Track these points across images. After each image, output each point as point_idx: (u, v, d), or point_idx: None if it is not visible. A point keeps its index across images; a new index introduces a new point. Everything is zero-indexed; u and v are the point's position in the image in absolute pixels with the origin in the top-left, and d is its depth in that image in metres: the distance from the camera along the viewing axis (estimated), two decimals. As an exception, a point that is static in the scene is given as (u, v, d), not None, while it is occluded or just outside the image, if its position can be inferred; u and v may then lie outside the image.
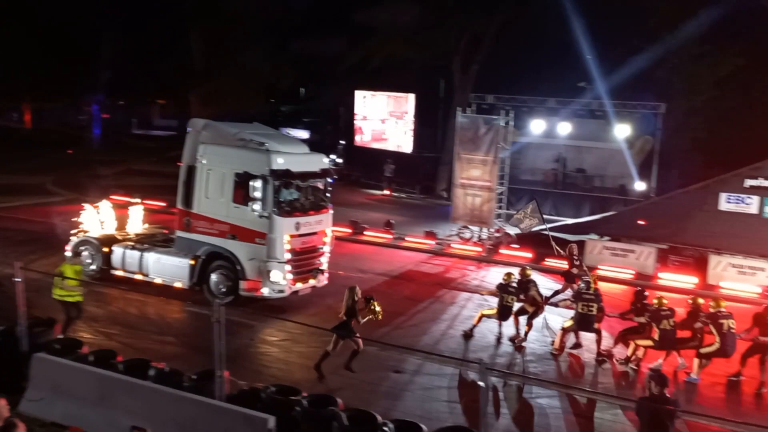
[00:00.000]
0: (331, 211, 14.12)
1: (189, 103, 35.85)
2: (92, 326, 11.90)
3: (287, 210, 12.92)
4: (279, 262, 12.83)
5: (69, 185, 26.34)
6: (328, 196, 14.01)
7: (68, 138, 42.13)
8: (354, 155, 33.98)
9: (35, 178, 27.43)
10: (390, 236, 20.41)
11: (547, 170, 28.42)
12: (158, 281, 13.85)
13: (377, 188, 30.78)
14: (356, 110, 34.43)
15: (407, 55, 28.79)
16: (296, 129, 37.83)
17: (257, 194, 12.66)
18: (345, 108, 36.51)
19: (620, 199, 23.81)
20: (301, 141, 15.68)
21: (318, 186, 13.80)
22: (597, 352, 11.52)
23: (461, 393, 10.04)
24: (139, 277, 14.01)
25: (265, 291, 12.94)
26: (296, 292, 13.43)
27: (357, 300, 10.15)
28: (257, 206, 12.70)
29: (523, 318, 12.35)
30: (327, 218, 13.95)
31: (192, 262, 13.46)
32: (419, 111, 32.61)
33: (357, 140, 34.57)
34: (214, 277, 13.40)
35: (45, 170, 29.36)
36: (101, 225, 15.08)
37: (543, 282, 14.40)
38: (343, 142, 35.30)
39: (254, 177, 12.65)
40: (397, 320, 12.77)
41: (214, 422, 7.59)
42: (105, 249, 14.34)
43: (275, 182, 12.67)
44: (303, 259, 13.34)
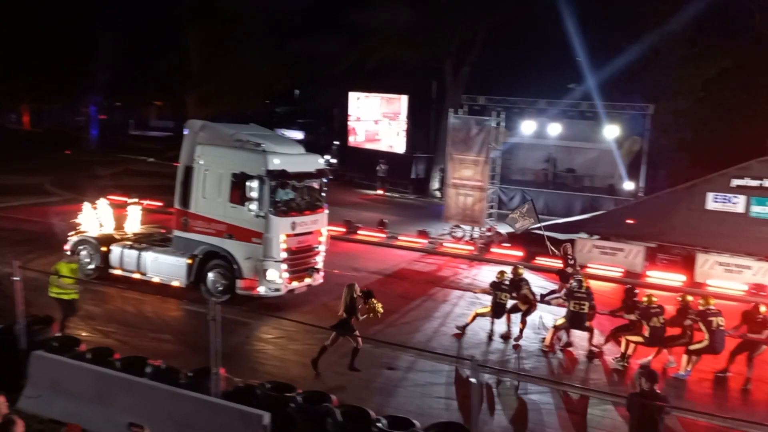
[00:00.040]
0: (327, 211, 14.20)
1: (185, 104, 35.86)
2: (90, 324, 11.96)
3: (283, 210, 13.00)
4: (275, 261, 12.90)
5: (67, 185, 26.37)
6: (324, 196, 14.09)
7: (66, 139, 42.16)
8: (348, 156, 34.04)
9: (33, 179, 27.46)
10: (383, 235, 20.50)
11: (538, 170, 28.71)
12: (156, 280, 13.93)
13: (371, 188, 30.88)
14: (350, 111, 34.51)
15: (401, 57, 28.81)
16: (291, 130, 37.80)
17: (254, 194, 12.74)
18: (339, 109, 36.57)
19: (609, 199, 23.99)
20: (297, 142, 15.77)
21: (313, 186, 13.88)
22: (588, 349, 11.64)
23: (454, 389, 10.12)
24: (137, 276, 14.08)
25: (262, 289, 13.03)
26: (292, 291, 13.51)
27: (356, 297, 10.21)
28: (254, 206, 12.77)
29: (515, 316, 12.46)
30: (322, 218, 14.03)
31: (189, 261, 13.54)
32: (412, 112, 32.75)
33: (351, 141, 34.65)
34: (211, 276, 13.48)
35: (43, 170, 29.41)
36: (99, 225, 15.13)
37: (535, 281, 14.51)
38: (337, 143, 35.36)
39: (251, 177, 12.72)
40: (390, 318, 12.79)
41: (211, 419, 7.63)
42: (103, 248, 14.39)
43: (271, 182, 12.75)
44: (299, 258, 13.42)
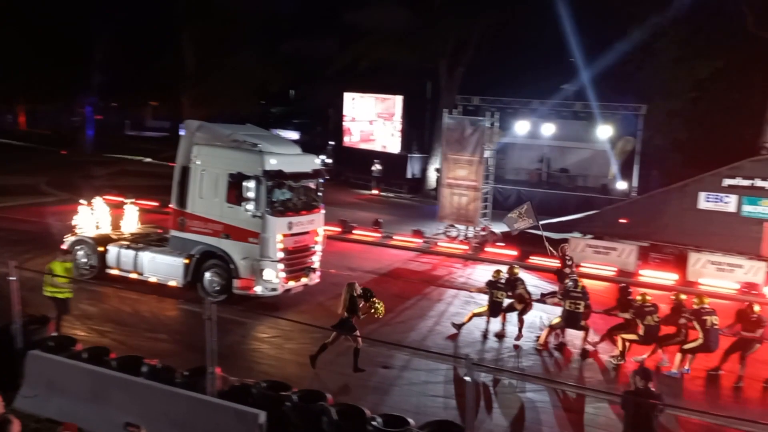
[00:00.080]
0: (323, 211, 14.24)
1: (181, 105, 35.82)
2: (86, 324, 11.99)
3: (280, 210, 13.04)
4: (272, 261, 12.95)
5: (63, 186, 26.38)
6: (320, 196, 14.12)
7: (62, 139, 42.17)
8: (343, 156, 34.14)
9: (30, 179, 27.47)
10: (378, 235, 20.58)
11: (532, 170, 28.93)
12: (153, 280, 13.96)
13: (366, 188, 30.95)
14: (345, 112, 34.61)
15: (395, 58, 28.88)
16: (286, 130, 37.88)
17: (250, 194, 12.77)
18: (334, 109, 36.68)
19: (602, 198, 24.09)
20: (293, 142, 15.81)
21: (310, 186, 13.92)
22: (581, 348, 11.72)
23: (448, 388, 10.18)
24: (134, 276, 14.11)
25: (258, 289, 13.06)
26: (289, 291, 13.56)
27: (356, 296, 10.24)
28: (250, 206, 12.81)
29: (510, 315, 12.52)
30: (319, 218, 14.07)
31: (186, 261, 13.58)
32: (407, 112, 32.88)
33: (346, 141, 34.75)
34: (208, 276, 13.51)
35: (39, 171, 29.42)
36: (96, 225, 15.16)
37: (529, 280, 14.59)
38: (333, 143, 35.48)
39: (247, 177, 12.76)
40: (386, 317, 12.65)
41: (206, 417, 7.68)
42: (100, 248, 14.42)
43: (268, 183, 12.79)
44: (295, 258, 13.47)
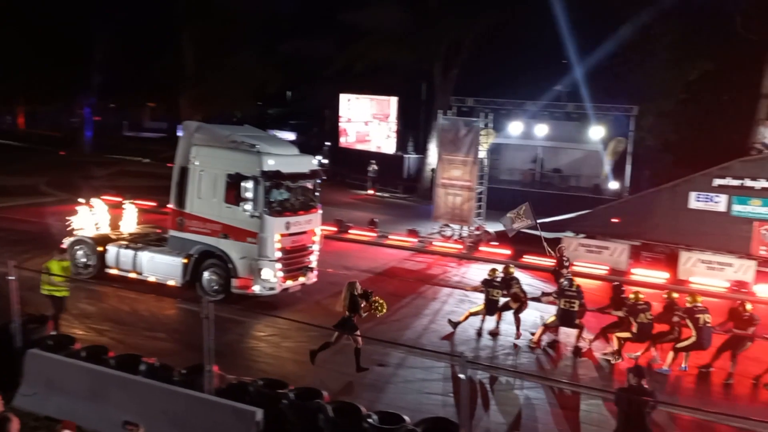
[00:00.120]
0: (320, 211, 14.35)
1: (179, 106, 35.85)
2: (84, 323, 12.08)
3: (278, 210, 13.14)
4: (270, 261, 13.05)
5: (62, 186, 26.44)
6: (318, 196, 14.23)
7: (61, 140, 42.19)
8: (339, 156, 34.26)
9: (29, 179, 27.51)
10: (374, 234, 20.69)
11: (525, 170, 29.14)
12: (152, 279, 14.04)
13: (361, 188, 31.06)
14: (341, 113, 34.76)
15: (391, 60, 28.98)
16: (283, 131, 38.00)
17: (249, 194, 12.88)
18: (330, 110, 36.81)
19: (595, 198, 24.23)
20: (290, 143, 15.90)
21: (307, 186, 14.01)
22: (574, 345, 11.84)
23: (445, 386, 10.29)
24: (133, 276, 14.19)
25: (257, 288, 13.16)
26: (286, 290, 13.66)
27: (356, 295, 10.32)
28: (248, 206, 12.91)
29: (505, 314, 12.67)
30: (316, 218, 14.17)
31: (185, 261, 13.66)
32: (402, 113, 33.04)
33: (342, 142, 34.90)
34: (207, 275, 13.59)
35: (38, 171, 29.46)
36: (95, 225, 15.23)
37: (525, 279, 14.70)
38: (329, 144, 35.60)
39: (246, 178, 12.86)
40: (381, 315, 13.03)
41: (204, 415, 7.78)
42: (99, 248, 14.50)
43: (266, 183, 12.89)
44: (293, 258, 13.56)
